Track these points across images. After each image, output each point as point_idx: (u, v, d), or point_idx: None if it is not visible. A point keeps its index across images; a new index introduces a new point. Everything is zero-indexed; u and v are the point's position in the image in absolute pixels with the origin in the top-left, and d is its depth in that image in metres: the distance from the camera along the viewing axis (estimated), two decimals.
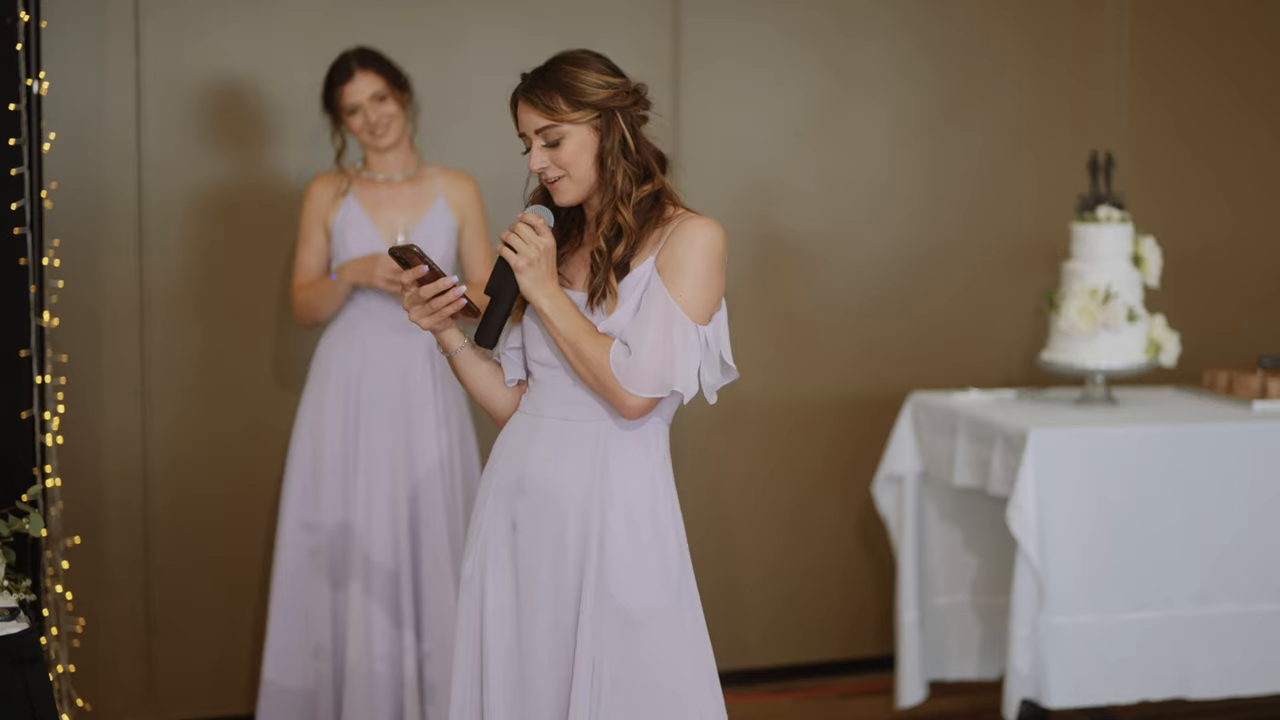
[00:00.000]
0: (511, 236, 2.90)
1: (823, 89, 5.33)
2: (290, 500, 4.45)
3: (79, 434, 4.68)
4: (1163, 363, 4.79)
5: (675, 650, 2.96)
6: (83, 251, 4.70)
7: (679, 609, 2.98)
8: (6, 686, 3.02)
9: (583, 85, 2.91)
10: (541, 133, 2.93)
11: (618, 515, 2.94)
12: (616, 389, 2.90)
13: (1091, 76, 5.55)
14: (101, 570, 4.81)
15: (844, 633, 5.44)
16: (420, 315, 2.95)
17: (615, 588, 2.93)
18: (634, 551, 2.94)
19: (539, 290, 2.90)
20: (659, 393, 2.90)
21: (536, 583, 2.97)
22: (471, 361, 3.05)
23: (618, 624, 2.93)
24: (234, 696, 4.96)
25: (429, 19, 4.93)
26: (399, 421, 4.41)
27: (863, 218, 5.38)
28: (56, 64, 4.52)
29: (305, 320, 4.49)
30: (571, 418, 2.98)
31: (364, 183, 4.46)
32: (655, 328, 2.89)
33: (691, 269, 2.90)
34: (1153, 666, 4.46)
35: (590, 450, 2.96)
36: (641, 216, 2.95)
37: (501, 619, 3.01)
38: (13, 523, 3.44)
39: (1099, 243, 4.74)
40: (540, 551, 2.97)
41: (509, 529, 3.01)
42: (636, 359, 2.88)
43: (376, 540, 4.38)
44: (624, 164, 2.93)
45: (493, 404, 3.09)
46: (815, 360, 5.36)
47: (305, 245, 4.48)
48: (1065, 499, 4.38)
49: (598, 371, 2.90)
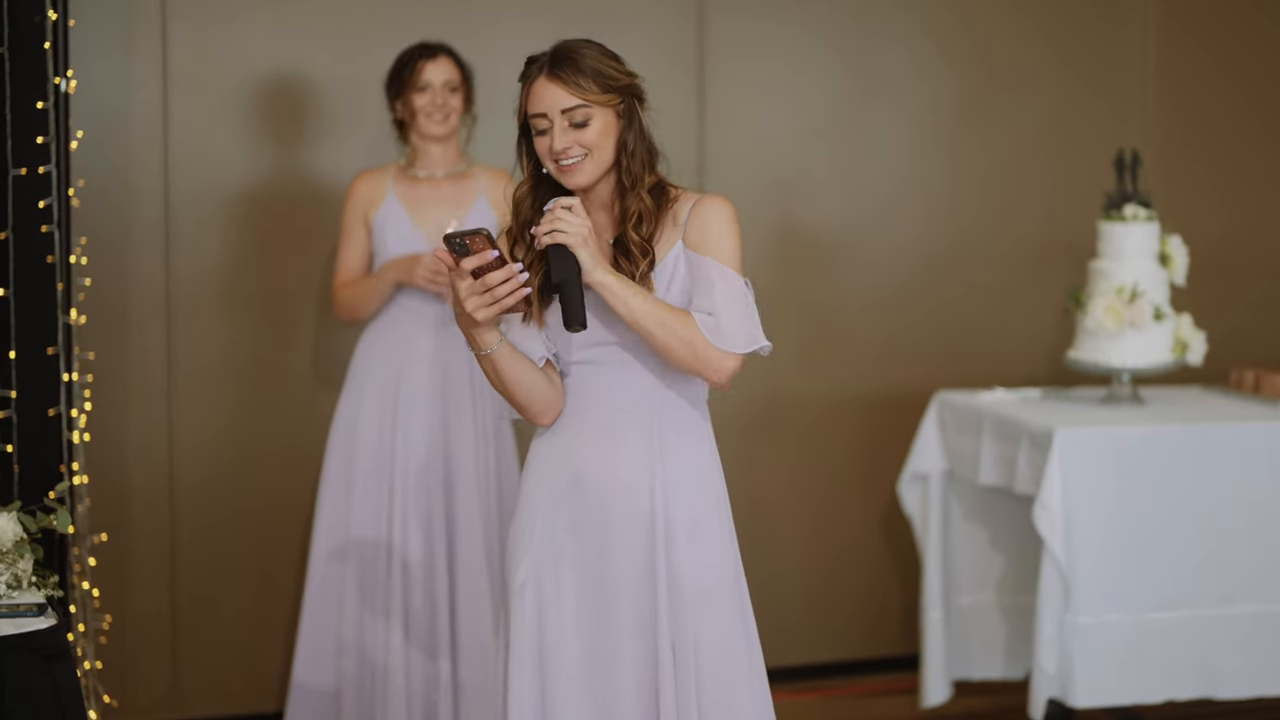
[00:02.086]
0: (555, 222, 2.88)
1: (845, 88, 5.33)
2: (325, 500, 4.46)
3: (106, 431, 4.69)
4: (1189, 361, 4.78)
5: (733, 643, 3.01)
6: (110, 249, 4.72)
7: (740, 599, 3.04)
8: (35, 682, 3.04)
9: (610, 70, 2.95)
10: (568, 113, 2.93)
11: (679, 499, 2.98)
12: (710, 352, 2.91)
13: (1115, 75, 5.53)
14: (128, 567, 4.83)
15: (868, 631, 5.43)
16: (479, 305, 2.84)
17: (684, 570, 2.97)
18: (695, 538, 2.99)
19: (599, 268, 2.89)
20: (750, 347, 2.94)
21: (610, 578, 2.98)
22: (511, 356, 2.95)
23: (691, 604, 2.96)
24: (260, 694, 4.97)
25: (458, 15, 4.93)
26: (437, 421, 4.41)
27: (886, 216, 5.38)
28: (84, 62, 4.54)
29: (346, 318, 4.50)
30: (622, 409, 2.99)
31: (406, 180, 4.47)
32: (721, 294, 2.93)
33: (727, 239, 2.96)
34: (1179, 666, 4.45)
35: (646, 438, 2.98)
36: (656, 200, 2.99)
37: (567, 622, 2.99)
38: (40, 519, 3.46)
39: (1125, 241, 4.73)
40: (609, 547, 2.98)
41: (566, 531, 3.00)
42: (721, 321, 2.91)
43: (412, 540, 4.38)
44: (641, 149, 2.98)
45: (537, 400, 3.00)
46: (838, 358, 5.36)
47: (347, 243, 4.49)
48: (1091, 498, 4.37)
49: (689, 334, 2.90)
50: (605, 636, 2.99)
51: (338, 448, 4.47)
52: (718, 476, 3.07)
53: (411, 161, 4.48)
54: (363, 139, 4.87)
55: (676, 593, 2.97)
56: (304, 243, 4.90)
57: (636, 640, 2.98)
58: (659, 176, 3.02)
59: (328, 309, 4.87)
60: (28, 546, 3.37)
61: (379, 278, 4.38)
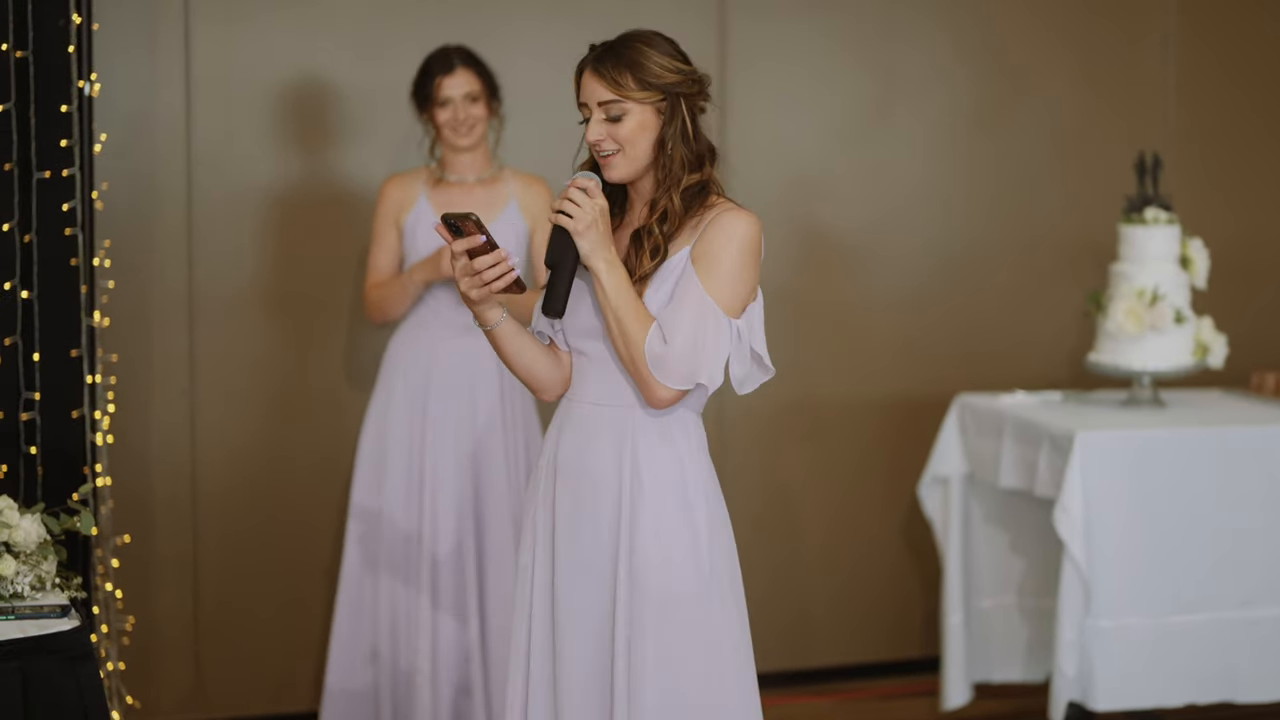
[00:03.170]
0: (565, 202, 2.89)
1: (865, 91, 5.33)
2: (358, 503, 4.48)
3: (129, 433, 4.71)
4: (1210, 365, 4.77)
5: (691, 648, 2.95)
6: (133, 252, 4.74)
7: (706, 607, 2.96)
8: (59, 683, 3.05)
9: (653, 66, 2.94)
10: (604, 106, 2.94)
11: (646, 501, 2.94)
12: (647, 376, 2.91)
13: (1135, 80, 5.52)
14: (151, 569, 4.84)
15: (888, 634, 5.43)
16: (470, 285, 2.91)
17: (643, 572, 2.93)
18: (661, 538, 2.94)
19: (598, 255, 2.89)
20: (685, 385, 2.91)
21: (570, 565, 2.99)
22: (513, 333, 3.01)
23: (651, 606, 2.93)
24: (284, 695, 4.99)
25: (478, 20, 4.94)
26: (465, 423, 4.42)
27: (906, 219, 5.37)
28: (107, 66, 4.55)
29: (377, 319, 4.52)
30: (602, 403, 2.99)
31: (438, 184, 4.48)
32: (688, 319, 2.89)
33: (727, 262, 2.91)
34: (1199, 670, 4.44)
35: (618, 436, 2.97)
36: (687, 203, 2.96)
37: (543, 602, 3.02)
38: (64, 521, 3.47)
39: (1146, 244, 4.72)
40: (575, 534, 2.98)
41: (549, 513, 3.03)
42: (669, 350, 2.89)
43: (443, 542, 4.38)
44: (681, 149, 2.95)
45: (536, 378, 3.06)
46: (858, 360, 5.36)
47: (378, 245, 4.51)
48: (1112, 501, 4.37)
49: (634, 351, 2.91)
50: (564, 622, 2.99)
51: (368, 450, 4.49)
52: (701, 478, 3.00)
53: (443, 167, 4.49)
54: (387, 141, 4.89)
55: (636, 590, 2.93)
56: (327, 245, 4.92)
57: (588, 636, 2.97)
58: (705, 178, 2.98)
59: (353, 311, 4.89)
60: (51, 548, 3.38)
61: (408, 277, 4.41)
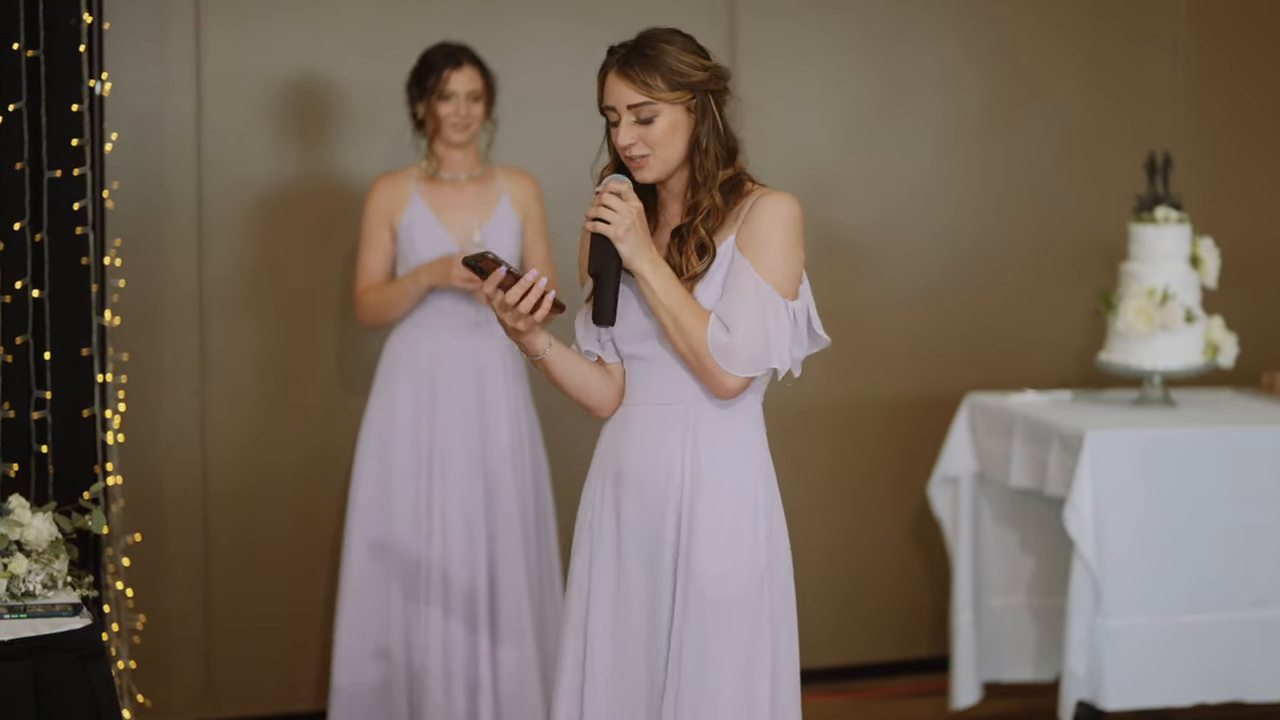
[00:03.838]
0: (600, 209, 2.88)
1: (875, 91, 5.33)
2: (358, 502, 4.45)
3: (140, 432, 4.71)
4: (1220, 364, 4.76)
5: (746, 640, 2.94)
6: (144, 251, 4.74)
7: (763, 599, 2.96)
8: (70, 682, 3.06)
9: (681, 65, 2.93)
10: (634, 109, 2.92)
11: (705, 494, 2.94)
12: (713, 367, 2.89)
13: (1145, 81, 5.52)
14: (162, 567, 4.85)
15: (898, 634, 5.43)
16: (512, 320, 2.88)
17: (699, 568, 2.92)
18: (719, 531, 2.94)
19: (640, 257, 2.88)
20: (755, 372, 2.90)
21: (635, 568, 2.97)
22: (564, 356, 2.98)
23: (704, 604, 2.92)
24: (294, 695, 4.99)
25: (486, 20, 4.94)
26: (473, 423, 4.41)
27: (915, 219, 5.37)
28: (118, 65, 4.55)
29: (372, 323, 4.48)
30: (666, 401, 2.97)
31: (429, 183, 4.47)
32: (748, 307, 2.88)
33: (775, 245, 2.91)
34: (1209, 669, 4.44)
35: (679, 433, 2.95)
36: (725, 196, 2.96)
37: (609, 608, 2.99)
38: (75, 520, 3.48)
39: (1157, 243, 4.72)
40: (642, 539, 2.97)
41: (614, 522, 3.00)
42: (734, 339, 2.88)
43: (452, 542, 4.37)
44: (715, 145, 2.95)
45: (591, 395, 3.03)
46: (868, 359, 5.36)
47: (368, 248, 4.46)
48: (1122, 501, 4.37)
49: (696, 346, 2.89)
50: (622, 624, 2.98)
51: (369, 452, 4.46)
52: (760, 480, 3.00)
53: (434, 164, 4.48)
54: (400, 141, 4.84)
55: (694, 595, 2.92)
56: (339, 244, 4.92)
57: (648, 635, 2.96)
58: (737, 169, 2.98)
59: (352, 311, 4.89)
60: (63, 547, 3.39)
61: (412, 280, 4.37)
